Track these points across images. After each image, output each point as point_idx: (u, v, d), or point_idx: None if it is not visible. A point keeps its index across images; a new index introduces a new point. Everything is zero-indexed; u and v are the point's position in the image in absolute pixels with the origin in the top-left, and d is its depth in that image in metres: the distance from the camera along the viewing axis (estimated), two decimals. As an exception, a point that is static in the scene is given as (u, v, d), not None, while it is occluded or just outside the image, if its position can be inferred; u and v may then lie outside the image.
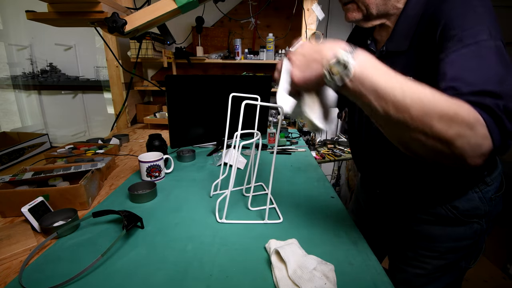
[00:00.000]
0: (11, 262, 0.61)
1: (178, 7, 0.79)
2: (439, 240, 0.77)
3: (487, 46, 0.48)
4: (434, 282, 0.80)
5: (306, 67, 0.49)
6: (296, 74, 0.50)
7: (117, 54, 1.84)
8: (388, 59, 0.69)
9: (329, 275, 0.53)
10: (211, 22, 2.29)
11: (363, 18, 0.67)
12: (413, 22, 0.62)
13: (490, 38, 0.48)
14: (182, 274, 0.56)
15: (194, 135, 1.33)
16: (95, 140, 1.45)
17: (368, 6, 0.64)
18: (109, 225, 0.73)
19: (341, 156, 2.09)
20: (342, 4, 0.69)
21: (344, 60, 0.43)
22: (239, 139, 0.79)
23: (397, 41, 0.66)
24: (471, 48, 0.48)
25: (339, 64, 0.44)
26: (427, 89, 0.42)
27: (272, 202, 0.84)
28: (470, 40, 0.49)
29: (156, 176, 1.00)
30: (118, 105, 1.95)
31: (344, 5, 0.68)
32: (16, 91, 2.49)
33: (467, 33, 0.49)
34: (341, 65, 0.44)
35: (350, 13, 0.67)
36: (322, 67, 0.46)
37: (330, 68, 0.45)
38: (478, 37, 0.48)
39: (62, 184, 0.90)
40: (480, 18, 0.51)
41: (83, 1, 0.75)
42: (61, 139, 2.58)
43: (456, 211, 0.73)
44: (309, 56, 0.48)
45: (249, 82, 1.39)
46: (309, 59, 0.48)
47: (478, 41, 0.48)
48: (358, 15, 0.67)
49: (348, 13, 0.68)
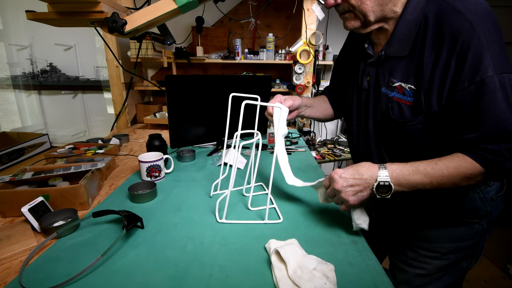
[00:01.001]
0: (11, 262, 0.61)
1: (178, 7, 0.78)
2: (440, 240, 0.77)
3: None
4: (435, 282, 0.80)
5: (360, 196, 0.63)
6: (352, 200, 0.63)
7: (117, 54, 1.84)
8: (387, 63, 0.69)
9: (329, 275, 0.53)
10: (211, 22, 2.29)
11: (362, 26, 0.67)
12: (413, 27, 0.63)
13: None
14: (182, 274, 0.56)
15: (194, 135, 1.33)
16: (95, 140, 1.45)
17: (366, 14, 0.64)
18: (109, 225, 0.73)
19: (341, 156, 2.09)
20: (339, 14, 0.70)
21: (384, 182, 0.60)
22: (239, 139, 0.79)
23: (397, 46, 0.66)
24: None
25: (383, 186, 0.60)
26: (443, 168, 0.59)
27: (272, 202, 0.84)
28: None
29: (156, 176, 1.00)
30: (118, 105, 1.95)
31: (341, 14, 0.69)
32: (16, 91, 2.49)
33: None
34: (385, 186, 0.60)
35: (348, 22, 0.68)
36: (372, 191, 0.61)
37: (378, 190, 0.61)
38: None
39: (62, 184, 0.90)
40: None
41: (83, 1, 0.75)
42: (61, 139, 2.58)
43: (457, 211, 0.73)
44: (357, 187, 0.62)
45: (249, 82, 1.39)
46: (358, 189, 0.62)
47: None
48: (357, 23, 0.67)
49: (347, 22, 0.69)
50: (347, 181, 0.62)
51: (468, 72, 0.55)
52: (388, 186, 0.60)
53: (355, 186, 0.62)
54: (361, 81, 0.76)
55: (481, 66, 0.54)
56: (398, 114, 0.67)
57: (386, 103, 0.70)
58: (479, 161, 0.57)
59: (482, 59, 0.53)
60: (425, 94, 0.62)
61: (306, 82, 2.00)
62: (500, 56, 0.54)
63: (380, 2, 0.63)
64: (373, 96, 0.74)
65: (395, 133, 0.70)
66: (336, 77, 0.97)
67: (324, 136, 2.67)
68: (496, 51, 0.54)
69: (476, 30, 0.54)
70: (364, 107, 0.77)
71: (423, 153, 0.69)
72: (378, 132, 0.75)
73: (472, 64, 0.54)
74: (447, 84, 0.58)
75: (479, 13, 0.55)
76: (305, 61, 1.93)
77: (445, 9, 0.58)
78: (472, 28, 0.54)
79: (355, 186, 0.62)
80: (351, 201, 0.62)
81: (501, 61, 0.54)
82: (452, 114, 0.60)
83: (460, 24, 0.55)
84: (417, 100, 0.63)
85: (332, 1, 0.65)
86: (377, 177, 0.60)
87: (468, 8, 0.55)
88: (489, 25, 0.54)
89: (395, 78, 0.67)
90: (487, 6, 0.56)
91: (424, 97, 0.62)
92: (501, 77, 0.53)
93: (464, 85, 0.56)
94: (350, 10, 0.65)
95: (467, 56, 0.55)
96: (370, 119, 0.76)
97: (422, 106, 0.63)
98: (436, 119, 0.62)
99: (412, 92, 0.64)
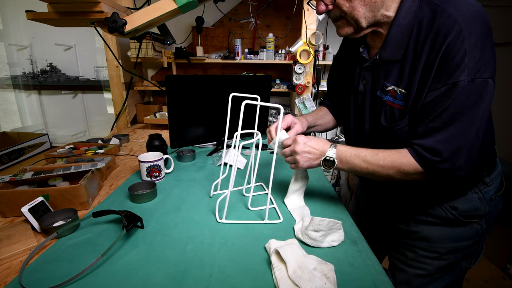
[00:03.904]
0: (11, 262, 0.61)
1: (178, 7, 0.78)
2: (439, 240, 0.77)
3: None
4: (435, 282, 0.80)
5: (310, 162, 0.73)
6: (304, 164, 0.73)
7: (117, 54, 1.84)
8: (381, 67, 0.69)
9: (329, 275, 0.53)
10: (211, 22, 2.29)
11: (355, 31, 0.68)
12: (406, 31, 0.63)
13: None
14: (182, 274, 0.56)
15: (194, 135, 1.33)
16: (95, 140, 1.45)
17: (358, 20, 0.64)
18: (109, 225, 0.73)
19: (341, 156, 2.08)
20: (332, 20, 0.70)
21: (330, 158, 0.70)
22: (239, 139, 0.79)
23: (391, 49, 0.66)
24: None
25: (328, 161, 0.70)
26: (381, 158, 0.65)
27: (272, 202, 0.84)
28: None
29: (156, 176, 1.00)
30: (118, 105, 1.95)
31: (334, 21, 0.69)
32: (16, 91, 2.49)
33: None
34: (330, 161, 0.70)
35: (341, 29, 0.69)
36: (320, 162, 0.72)
37: (324, 163, 0.71)
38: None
39: (62, 184, 0.90)
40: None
41: (83, 1, 0.75)
42: (61, 139, 2.58)
43: (456, 211, 0.73)
44: (312, 155, 0.72)
45: (249, 82, 1.39)
46: (312, 157, 0.72)
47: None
48: (350, 30, 0.68)
49: (340, 29, 0.69)
50: (307, 148, 0.71)
51: (444, 75, 0.56)
52: (332, 161, 0.69)
53: (310, 154, 0.72)
54: (357, 84, 0.77)
55: (457, 70, 0.55)
56: (390, 118, 0.69)
57: (380, 107, 0.70)
58: (417, 159, 0.62)
59: (460, 63, 0.54)
60: (413, 97, 0.63)
61: (306, 82, 2.00)
62: (479, 61, 0.54)
63: (371, 8, 0.63)
64: (369, 99, 0.74)
65: (388, 137, 0.71)
66: (333, 82, 0.96)
67: (324, 136, 2.67)
68: (476, 56, 0.54)
69: (463, 33, 0.54)
70: (361, 110, 0.77)
71: None
72: (373, 136, 0.76)
73: (450, 67, 0.56)
74: (427, 84, 0.59)
75: (469, 15, 0.55)
76: (305, 61, 1.93)
77: (437, 12, 0.58)
78: (459, 31, 0.54)
79: (310, 154, 0.72)
80: (303, 164, 0.72)
81: (478, 65, 0.54)
82: (421, 112, 0.62)
83: (449, 27, 0.55)
84: (406, 104, 0.65)
85: (323, 7, 0.65)
86: (326, 152, 0.70)
87: (459, 11, 0.55)
88: (476, 28, 0.54)
89: (388, 82, 0.68)
90: (479, 8, 0.56)
91: (412, 100, 0.63)
92: (472, 82, 0.54)
93: (437, 86, 0.58)
94: (342, 16, 0.66)
95: (448, 58, 0.55)
96: (366, 123, 0.76)
97: (408, 108, 0.64)
98: (416, 119, 0.64)
99: (403, 96, 0.65)
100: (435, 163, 0.59)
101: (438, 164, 0.59)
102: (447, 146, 0.58)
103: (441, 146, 0.58)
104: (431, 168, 0.60)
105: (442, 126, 0.58)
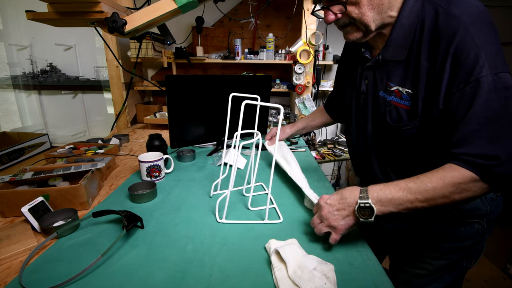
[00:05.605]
0: (11, 262, 0.61)
1: (178, 7, 0.78)
2: (440, 240, 0.77)
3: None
4: (435, 282, 0.80)
5: (346, 221, 0.60)
6: (342, 225, 0.60)
7: (117, 54, 1.84)
8: (384, 68, 0.69)
9: (329, 275, 0.53)
10: (211, 22, 2.29)
11: (363, 36, 0.67)
12: (409, 31, 0.63)
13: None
14: (182, 274, 0.56)
15: (194, 135, 1.33)
16: (95, 140, 1.45)
17: (367, 24, 0.64)
18: (109, 225, 0.73)
19: (341, 156, 2.09)
20: (339, 27, 0.69)
21: (365, 204, 0.57)
22: (239, 139, 0.79)
23: (394, 50, 0.66)
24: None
25: (364, 208, 0.57)
26: (426, 181, 0.55)
27: (272, 202, 0.84)
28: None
29: (156, 176, 1.00)
30: (118, 105, 1.95)
31: (342, 28, 0.68)
32: (16, 91, 2.49)
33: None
34: (366, 208, 0.57)
35: (350, 34, 0.68)
36: (355, 215, 0.58)
37: (360, 213, 0.57)
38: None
39: (62, 184, 0.90)
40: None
41: (83, 1, 0.75)
42: (61, 139, 2.58)
43: (457, 211, 0.73)
44: (343, 211, 0.60)
45: (249, 82, 1.39)
46: (344, 213, 0.60)
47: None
48: (359, 35, 0.67)
49: (349, 35, 0.68)
50: (334, 206, 0.61)
51: (463, 73, 0.55)
52: (369, 208, 0.56)
53: (341, 211, 0.60)
54: (360, 84, 0.77)
55: (476, 66, 0.53)
56: (396, 118, 0.68)
57: (384, 106, 0.70)
58: (469, 167, 0.53)
59: (477, 59, 0.53)
60: (422, 99, 0.62)
61: (306, 82, 2.00)
62: (496, 56, 0.53)
63: (379, 10, 0.62)
64: (371, 99, 0.74)
65: (392, 137, 0.71)
66: (339, 82, 0.98)
67: (324, 136, 2.67)
68: (492, 51, 0.53)
69: (470, 31, 0.53)
70: (363, 110, 0.77)
71: (421, 158, 0.69)
72: (377, 136, 0.76)
73: (467, 65, 0.54)
74: (443, 87, 0.58)
75: (474, 15, 0.55)
76: (305, 61, 1.93)
77: (440, 12, 0.57)
78: (466, 30, 0.54)
79: (341, 211, 0.60)
80: (340, 226, 0.59)
81: (496, 61, 0.53)
82: (448, 117, 0.58)
83: (455, 27, 0.55)
84: (414, 104, 0.64)
85: (332, 16, 0.64)
86: (358, 200, 0.58)
87: (463, 11, 0.55)
88: (483, 26, 0.54)
89: (392, 82, 0.67)
90: (483, 8, 0.56)
91: (421, 102, 0.62)
92: (496, 76, 0.53)
93: (460, 86, 0.55)
94: (351, 22, 0.65)
95: (461, 57, 0.54)
96: (369, 123, 0.76)
97: (418, 110, 0.63)
98: (433, 124, 0.62)
99: (409, 96, 0.64)
100: (493, 167, 0.52)
101: (495, 168, 0.52)
102: (499, 148, 0.52)
103: (493, 149, 0.52)
104: (489, 173, 0.53)
105: (479, 128, 0.53)
